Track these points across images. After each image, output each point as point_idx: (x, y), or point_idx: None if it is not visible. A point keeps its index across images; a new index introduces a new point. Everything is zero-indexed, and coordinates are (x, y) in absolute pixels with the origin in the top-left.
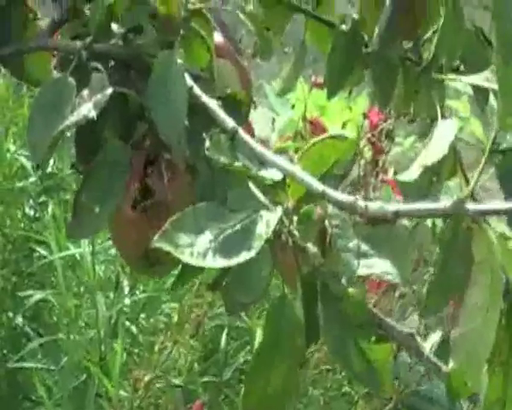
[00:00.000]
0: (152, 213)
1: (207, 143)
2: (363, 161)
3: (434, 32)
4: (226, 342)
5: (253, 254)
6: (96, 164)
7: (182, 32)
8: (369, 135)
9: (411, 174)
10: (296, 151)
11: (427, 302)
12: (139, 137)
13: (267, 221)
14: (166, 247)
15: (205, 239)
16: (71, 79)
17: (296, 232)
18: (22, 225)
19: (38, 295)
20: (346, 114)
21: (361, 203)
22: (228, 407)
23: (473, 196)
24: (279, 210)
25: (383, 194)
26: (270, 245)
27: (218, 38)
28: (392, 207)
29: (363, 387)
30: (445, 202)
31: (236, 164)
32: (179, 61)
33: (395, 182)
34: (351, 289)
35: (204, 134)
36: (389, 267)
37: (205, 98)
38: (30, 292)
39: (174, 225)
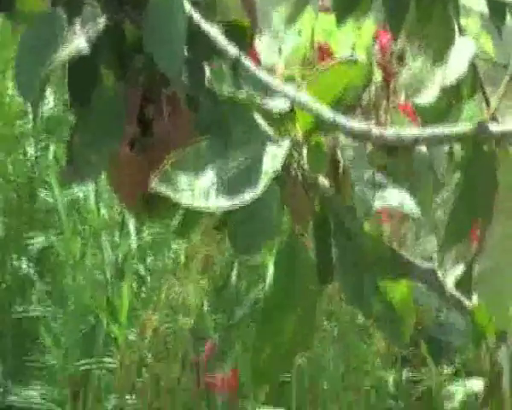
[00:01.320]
0: (151, 152)
1: (208, 73)
2: (373, 86)
3: None
4: (237, 280)
5: (258, 192)
6: (90, 104)
7: None
8: (378, 58)
9: (429, 97)
10: (304, 79)
11: (449, 228)
12: (136, 72)
13: (274, 156)
14: (165, 190)
15: (207, 179)
16: (61, 13)
17: (306, 165)
18: (24, 168)
19: (42, 238)
20: (355, 37)
21: (376, 131)
22: (240, 347)
23: (494, 118)
24: (287, 143)
25: (394, 119)
26: (279, 181)
27: None
28: (410, 133)
29: None
30: (466, 126)
31: (240, 94)
32: None
33: (408, 106)
34: (366, 224)
35: (205, 64)
36: (407, 199)
37: (205, 25)
38: (34, 235)
39: (174, 165)
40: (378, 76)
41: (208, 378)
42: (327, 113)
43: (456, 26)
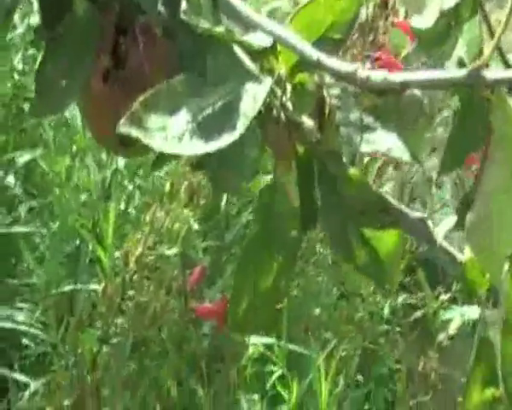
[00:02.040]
0: (126, 85)
1: (184, 5)
2: (371, 3)
3: None
4: (226, 204)
5: (236, 135)
6: (60, 31)
7: None
8: None
9: (427, 20)
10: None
11: (444, 158)
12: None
13: (254, 95)
14: (134, 132)
15: (180, 120)
16: None
17: (290, 104)
18: (10, 82)
19: (28, 156)
20: None
21: (362, 73)
22: (230, 272)
23: (500, 51)
24: (268, 81)
25: (393, 38)
26: (259, 120)
27: None
28: (398, 77)
29: None
30: (459, 71)
31: (218, 29)
32: None
33: (407, 24)
34: (352, 170)
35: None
36: (397, 142)
37: None
38: (20, 153)
39: (144, 105)
40: None
41: (196, 305)
42: (310, 51)
43: None
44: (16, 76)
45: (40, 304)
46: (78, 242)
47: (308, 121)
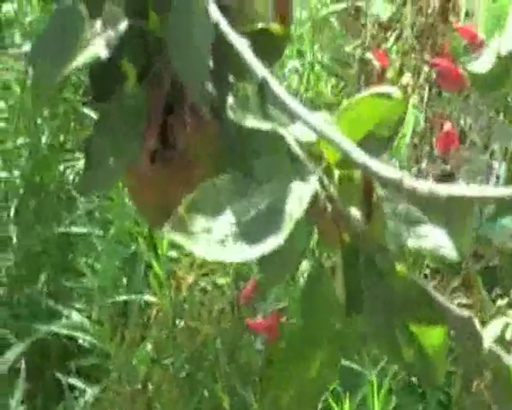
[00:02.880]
0: (173, 165)
1: (230, 101)
2: (430, 9)
3: None
4: None
5: (281, 240)
6: (109, 108)
7: None
8: None
9: (484, 64)
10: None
11: None
12: (158, 76)
13: (300, 196)
14: (178, 237)
15: (225, 222)
16: (81, 8)
17: (336, 195)
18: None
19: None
20: None
21: (407, 182)
22: (284, 284)
23: None
24: (314, 180)
25: (452, 44)
26: (306, 211)
27: None
28: (444, 190)
29: None
30: (506, 190)
31: (265, 127)
32: None
33: (466, 28)
34: (399, 265)
35: (231, 77)
36: (444, 239)
37: (232, 36)
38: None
39: (189, 207)
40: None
41: (249, 319)
42: (357, 153)
43: None
44: None
45: (94, 311)
46: (133, 247)
47: (355, 212)
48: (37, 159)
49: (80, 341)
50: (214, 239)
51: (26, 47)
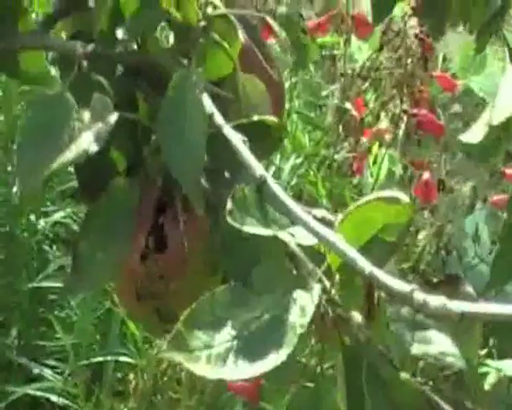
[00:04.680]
0: (164, 264)
1: (229, 205)
2: (409, 60)
3: None
4: None
5: (283, 356)
6: (98, 205)
7: (200, 40)
8: (417, 31)
9: (476, 135)
10: (333, 46)
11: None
12: (150, 170)
13: (302, 307)
14: (177, 357)
15: (225, 335)
16: (69, 96)
17: (337, 298)
18: None
19: (62, 213)
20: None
21: (419, 296)
22: None
23: None
24: (316, 290)
25: (432, 90)
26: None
27: (242, 40)
28: (457, 306)
29: None
30: None
31: (265, 233)
32: (197, 79)
33: (443, 76)
34: (403, 374)
35: (226, 173)
36: (450, 347)
37: (227, 130)
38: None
39: (187, 323)
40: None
41: (228, 383)
42: (362, 263)
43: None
44: None
45: (68, 370)
46: (108, 304)
47: (357, 316)
48: (8, 208)
49: (54, 400)
50: (214, 355)
51: None
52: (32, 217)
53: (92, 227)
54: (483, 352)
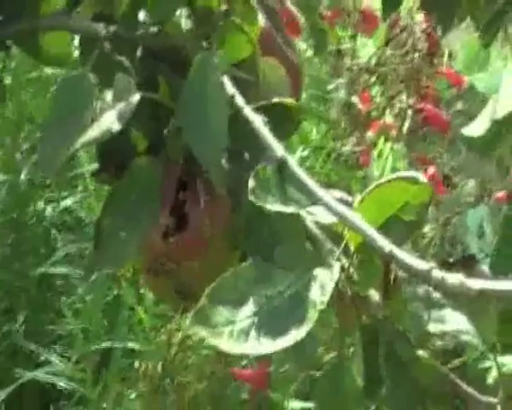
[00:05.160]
0: (186, 243)
1: (251, 183)
2: (416, 54)
3: None
4: None
5: (304, 332)
6: (120, 184)
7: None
8: (424, 26)
9: (478, 129)
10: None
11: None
12: (172, 151)
13: (322, 285)
14: (201, 331)
15: (247, 311)
16: (91, 77)
17: (356, 277)
18: None
19: (70, 200)
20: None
21: (437, 274)
22: None
23: None
24: (336, 268)
25: (437, 84)
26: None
27: (261, 23)
28: (476, 284)
29: None
30: None
31: (287, 210)
32: (218, 61)
33: (450, 71)
34: (420, 351)
35: (247, 154)
36: (466, 325)
37: (248, 112)
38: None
39: (210, 298)
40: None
41: (235, 370)
42: (382, 242)
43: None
44: None
45: (75, 355)
46: (116, 290)
47: (375, 295)
48: (16, 195)
49: (61, 385)
50: (237, 331)
51: None
52: (40, 204)
53: (115, 205)
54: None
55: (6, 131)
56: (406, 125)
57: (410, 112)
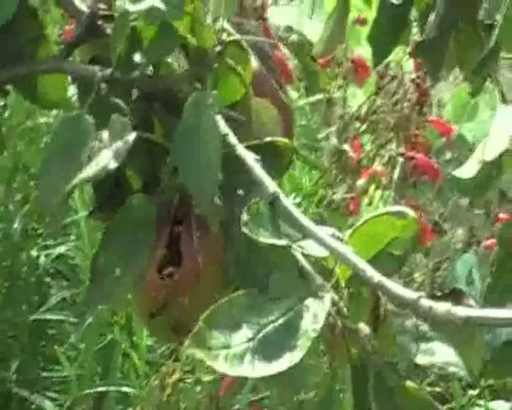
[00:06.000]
0: (180, 279)
1: (245, 217)
2: (406, 103)
3: None
4: None
5: (297, 358)
6: (116, 221)
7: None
8: (413, 76)
9: (469, 171)
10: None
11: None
12: (166, 190)
13: (315, 313)
14: (199, 354)
15: (242, 337)
16: (88, 117)
17: (346, 311)
18: None
19: (63, 248)
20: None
21: (425, 303)
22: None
23: None
24: (328, 298)
25: (427, 134)
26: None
27: (254, 65)
28: (462, 311)
29: None
30: None
31: (279, 243)
32: (212, 101)
33: (439, 121)
34: (409, 382)
35: (239, 191)
36: (454, 357)
37: (241, 150)
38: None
39: (207, 322)
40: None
41: None
42: (371, 273)
43: (498, 93)
44: None
45: (69, 401)
46: (110, 336)
47: (364, 328)
48: (10, 244)
49: None
50: (232, 355)
51: None
52: (33, 252)
53: (109, 242)
54: (475, 392)
55: None
56: (396, 172)
57: (400, 160)
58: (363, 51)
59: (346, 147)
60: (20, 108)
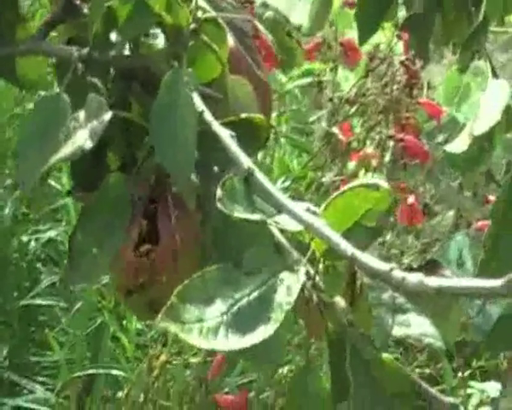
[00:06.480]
0: (157, 257)
1: (219, 192)
2: (395, 86)
3: None
4: None
5: (271, 331)
6: (92, 201)
7: (190, 42)
8: (402, 58)
9: (460, 145)
10: (319, 75)
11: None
12: (142, 167)
13: (289, 286)
14: (172, 327)
15: (216, 311)
16: (65, 97)
17: (322, 284)
18: None
19: (54, 232)
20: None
21: (398, 274)
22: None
23: None
24: (302, 271)
25: (418, 116)
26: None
27: (230, 43)
28: (434, 282)
29: None
30: (495, 282)
31: (253, 218)
32: (188, 78)
33: (429, 102)
34: (385, 354)
35: (215, 167)
36: (429, 328)
37: (216, 127)
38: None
39: (180, 296)
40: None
41: (217, 397)
42: (344, 245)
43: (488, 64)
44: None
45: (59, 385)
46: (99, 320)
47: (340, 301)
48: (0, 229)
49: None
50: (206, 328)
51: None
52: (24, 238)
53: (86, 222)
54: (466, 373)
55: None
56: (387, 155)
57: (390, 142)
58: (354, 34)
59: (336, 130)
60: (9, 95)
